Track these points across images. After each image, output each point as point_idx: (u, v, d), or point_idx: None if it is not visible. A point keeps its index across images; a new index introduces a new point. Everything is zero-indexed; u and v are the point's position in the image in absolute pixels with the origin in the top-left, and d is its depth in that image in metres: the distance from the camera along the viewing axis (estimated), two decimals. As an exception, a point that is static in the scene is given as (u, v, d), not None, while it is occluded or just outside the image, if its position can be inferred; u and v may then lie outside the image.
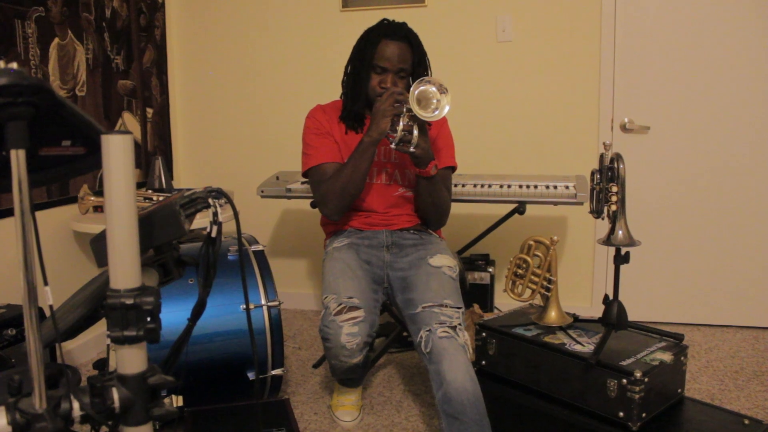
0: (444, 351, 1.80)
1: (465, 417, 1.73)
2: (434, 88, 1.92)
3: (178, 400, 1.66)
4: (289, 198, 2.76)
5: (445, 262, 2.08)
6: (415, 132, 1.94)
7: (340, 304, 1.94)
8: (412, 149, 1.95)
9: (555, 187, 2.62)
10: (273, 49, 3.46)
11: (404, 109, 1.94)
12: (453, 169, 2.31)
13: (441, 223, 2.27)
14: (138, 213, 0.86)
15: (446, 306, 1.91)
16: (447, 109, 1.93)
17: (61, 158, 0.92)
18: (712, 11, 2.98)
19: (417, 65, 2.13)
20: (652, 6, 3.04)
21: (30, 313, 0.78)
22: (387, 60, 2.07)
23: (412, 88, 1.92)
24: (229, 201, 1.05)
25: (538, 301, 2.09)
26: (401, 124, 1.93)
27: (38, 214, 2.25)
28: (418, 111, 1.90)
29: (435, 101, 1.92)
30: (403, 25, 2.16)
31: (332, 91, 2.41)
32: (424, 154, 1.99)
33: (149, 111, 3.33)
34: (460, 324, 1.88)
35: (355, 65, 2.16)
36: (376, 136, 1.97)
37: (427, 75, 2.15)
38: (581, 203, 2.53)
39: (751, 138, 3.04)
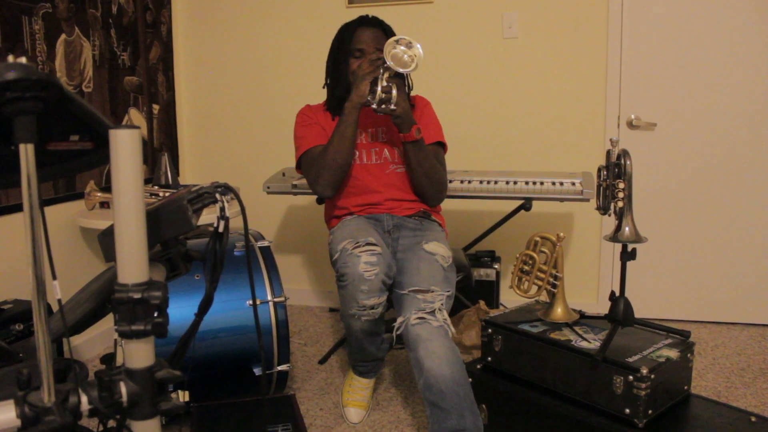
0: (418, 338, 1.80)
1: (444, 403, 1.73)
2: (402, 47, 2.03)
3: (184, 396, 1.67)
4: (294, 194, 2.76)
5: (439, 250, 2.07)
6: (394, 91, 2.04)
7: (357, 243, 1.94)
8: (392, 107, 2.04)
9: (561, 184, 2.62)
10: (279, 46, 3.46)
11: (381, 71, 2.05)
12: (443, 146, 2.34)
13: (438, 197, 2.28)
14: (145, 208, 0.87)
15: (431, 292, 1.90)
16: (421, 54, 2.03)
17: (69, 153, 0.92)
18: (719, 8, 2.97)
19: None
20: (659, 3, 3.02)
21: (39, 307, 0.78)
22: (364, 43, 2.20)
23: (384, 51, 2.02)
24: (236, 196, 1.05)
25: (544, 297, 2.09)
26: (380, 86, 2.05)
27: (45, 209, 2.27)
28: (395, 66, 2.01)
29: (407, 57, 2.03)
30: (376, 17, 2.30)
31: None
32: (405, 113, 2.07)
33: (155, 107, 3.33)
34: (440, 307, 1.87)
35: (334, 54, 2.28)
36: (357, 99, 2.08)
37: None
38: (587, 200, 2.53)
39: (758, 135, 3.02)
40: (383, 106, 2.05)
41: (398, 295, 1.97)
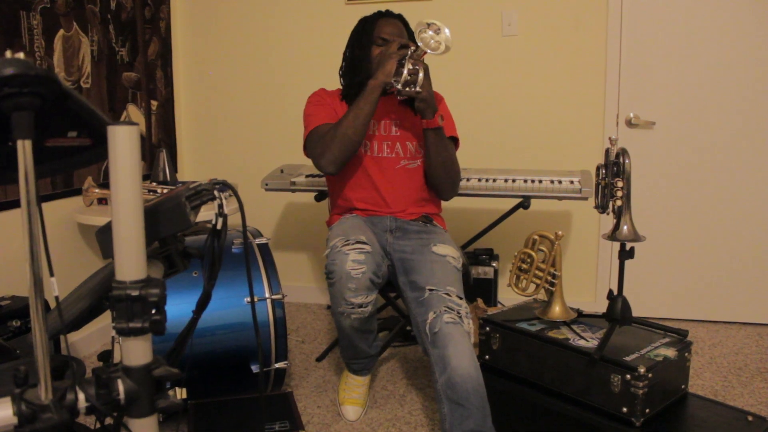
0: (449, 336, 1.79)
1: (468, 404, 1.73)
2: (431, 32, 2.01)
3: (182, 393, 1.66)
4: (293, 191, 2.76)
5: (449, 252, 2.07)
6: (421, 74, 2.01)
7: (347, 241, 1.94)
8: (418, 88, 2.01)
9: (560, 182, 2.62)
10: (278, 43, 3.46)
11: (409, 53, 2.02)
12: (456, 141, 2.32)
13: (453, 189, 2.28)
14: (143, 205, 0.86)
15: (451, 294, 1.90)
16: (448, 33, 2.02)
17: (67, 149, 0.92)
18: (719, 7, 2.97)
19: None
20: (658, 1, 3.02)
21: (36, 303, 0.78)
22: (387, 33, 2.19)
23: (414, 32, 2.01)
24: (235, 193, 1.05)
25: (542, 295, 2.09)
26: (406, 68, 2.01)
27: (43, 206, 2.26)
28: (425, 47, 1.99)
29: (433, 42, 2.01)
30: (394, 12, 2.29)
31: (336, 84, 2.40)
32: (430, 97, 2.05)
33: (154, 103, 3.32)
34: (467, 314, 1.88)
35: (354, 46, 2.25)
36: (382, 78, 2.04)
37: None
38: (586, 198, 2.53)
39: (757, 134, 3.02)
40: (408, 88, 2.02)
41: (415, 296, 1.95)
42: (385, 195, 2.22)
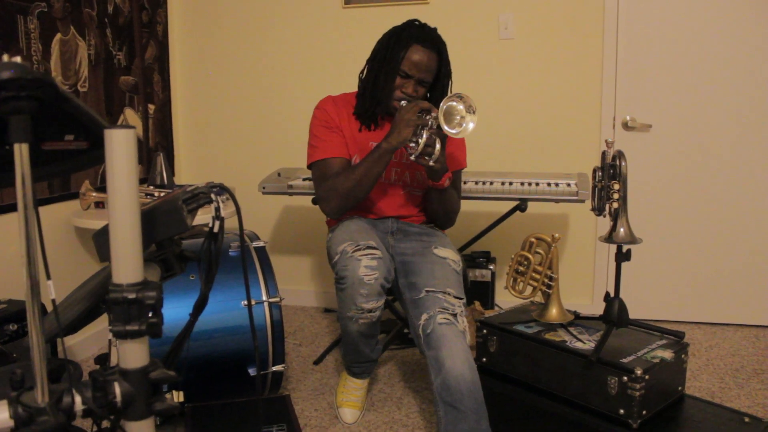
0: (443, 337, 1.79)
1: (462, 406, 1.73)
2: (462, 107, 1.89)
3: (179, 396, 1.66)
4: (290, 194, 2.76)
5: (449, 255, 2.07)
6: (438, 146, 1.91)
7: (358, 246, 1.90)
8: (431, 163, 1.93)
9: (557, 185, 2.62)
10: (275, 46, 3.46)
11: (429, 122, 1.91)
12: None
13: (450, 224, 2.28)
14: (140, 208, 0.86)
15: (449, 294, 1.90)
16: (471, 127, 1.88)
17: (64, 153, 0.92)
18: (715, 9, 2.98)
19: (442, 77, 2.13)
20: (654, 4, 3.04)
21: (33, 307, 0.78)
22: (414, 67, 2.04)
23: (442, 103, 1.88)
24: (232, 196, 1.05)
25: (539, 298, 2.09)
26: (424, 136, 1.91)
27: (40, 209, 2.26)
28: (444, 125, 1.87)
29: (458, 118, 1.89)
30: (435, 31, 2.11)
31: (334, 88, 2.41)
32: (442, 168, 1.98)
33: (151, 107, 3.32)
34: (461, 312, 1.88)
35: (379, 64, 2.09)
36: (396, 144, 1.93)
37: (449, 88, 2.16)
38: (583, 201, 2.53)
39: (753, 136, 3.03)
40: (422, 158, 1.92)
41: (412, 298, 1.95)
42: (386, 212, 2.22)
